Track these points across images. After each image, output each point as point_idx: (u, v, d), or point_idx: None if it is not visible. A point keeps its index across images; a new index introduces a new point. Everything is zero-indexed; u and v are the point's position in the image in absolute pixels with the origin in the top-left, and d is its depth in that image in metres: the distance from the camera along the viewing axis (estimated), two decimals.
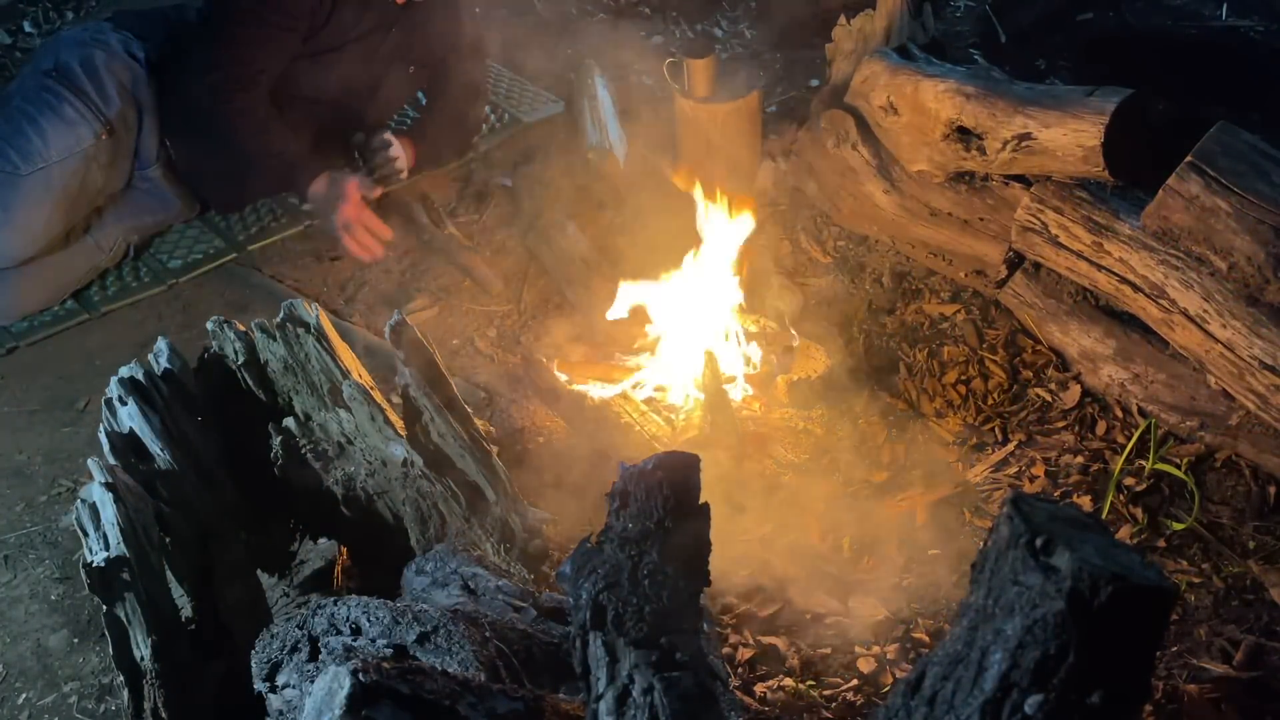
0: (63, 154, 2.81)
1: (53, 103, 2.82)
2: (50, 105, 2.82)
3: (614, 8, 4.04)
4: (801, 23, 3.75)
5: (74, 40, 2.94)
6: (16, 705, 2.04)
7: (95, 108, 2.85)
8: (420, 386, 1.96)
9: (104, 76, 2.87)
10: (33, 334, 2.88)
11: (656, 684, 1.07)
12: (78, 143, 2.83)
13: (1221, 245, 2.06)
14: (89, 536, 1.82)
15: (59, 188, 2.81)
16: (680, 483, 1.18)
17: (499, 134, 3.45)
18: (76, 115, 2.83)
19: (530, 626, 1.69)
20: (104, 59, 2.89)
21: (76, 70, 2.86)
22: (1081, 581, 0.87)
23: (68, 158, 2.81)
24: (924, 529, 2.15)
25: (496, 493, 1.99)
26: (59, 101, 2.83)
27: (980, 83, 2.45)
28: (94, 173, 2.88)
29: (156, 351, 2.02)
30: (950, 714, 0.94)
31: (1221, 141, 2.08)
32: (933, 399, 2.40)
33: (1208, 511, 2.11)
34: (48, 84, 2.85)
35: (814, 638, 1.97)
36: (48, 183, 2.79)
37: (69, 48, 2.91)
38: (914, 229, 2.71)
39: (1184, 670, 1.85)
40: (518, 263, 2.97)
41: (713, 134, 2.96)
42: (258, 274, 3.02)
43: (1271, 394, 2.05)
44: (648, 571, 1.14)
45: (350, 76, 3.02)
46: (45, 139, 2.79)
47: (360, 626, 1.60)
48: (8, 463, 2.54)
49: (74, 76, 2.85)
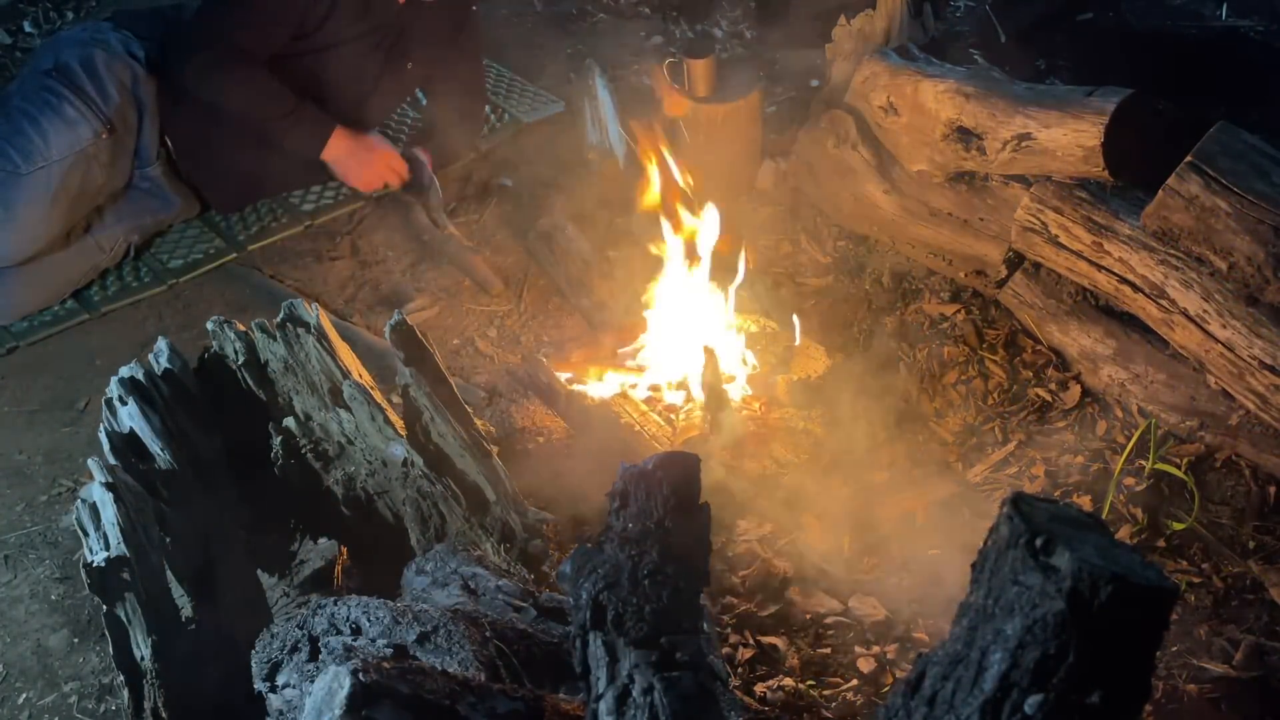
0: (63, 153, 2.80)
1: (53, 102, 2.82)
2: (50, 104, 2.82)
3: (614, 8, 4.04)
4: (801, 23, 3.74)
5: (74, 40, 2.93)
6: (16, 705, 2.04)
7: (95, 106, 2.84)
8: (420, 386, 1.96)
9: (104, 75, 2.87)
10: (33, 334, 2.88)
11: (656, 684, 1.07)
12: (78, 142, 2.82)
13: (1221, 245, 2.06)
14: (89, 536, 1.82)
15: (59, 187, 2.81)
16: (680, 483, 1.18)
17: (499, 134, 3.45)
18: (77, 114, 2.83)
19: (530, 626, 1.69)
20: (104, 58, 2.88)
21: (76, 69, 2.85)
22: (1081, 581, 0.87)
23: (68, 156, 2.81)
24: (924, 529, 2.15)
25: (496, 493, 1.99)
26: (59, 101, 2.82)
27: (980, 83, 2.45)
28: (95, 171, 2.88)
29: (156, 351, 2.02)
30: (950, 714, 0.94)
31: (1221, 141, 2.08)
32: (933, 399, 2.40)
33: (1208, 511, 2.10)
34: (48, 83, 2.85)
35: (814, 638, 1.97)
36: (48, 182, 2.79)
37: (69, 47, 2.91)
38: (914, 229, 2.71)
39: (1184, 670, 1.85)
40: (518, 263, 2.97)
41: (713, 134, 2.96)
42: (258, 274, 3.02)
43: (1271, 394, 2.05)
44: (648, 571, 1.14)
45: (349, 73, 3.01)
46: (46, 138, 2.79)
47: (360, 626, 1.60)
48: (8, 463, 2.54)
49: (74, 75, 2.85)
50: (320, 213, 3.19)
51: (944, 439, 2.32)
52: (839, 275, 2.78)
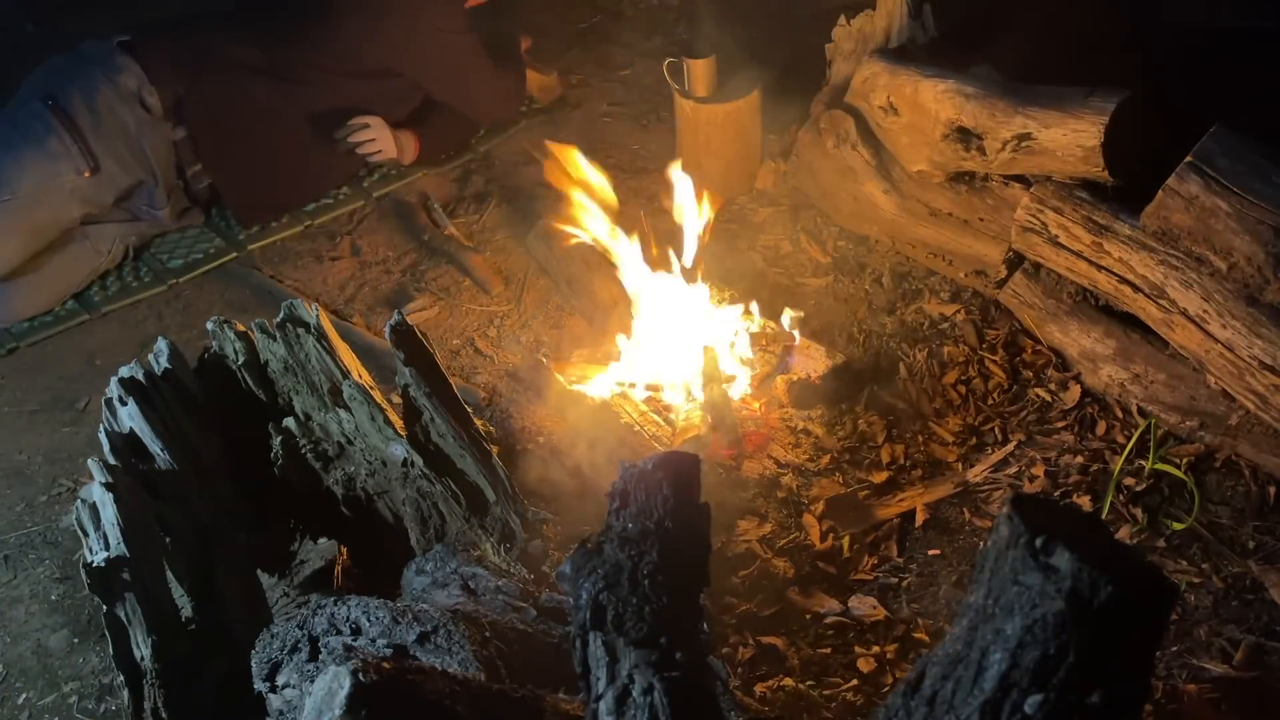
0: (34, 187, 2.75)
1: (39, 132, 2.77)
2: (35, 136, 2.77)
3: (613, 8, 4.04)
4: (802, 23, 3.74)
5: (84, 67, 2.86)
6: (16, 705, 2.04)
7: (83, 144, 2.79)
8: (420, 386, 1.96)
9: (102, 112, 2.82)
10: (33, 334, 2.89)
11: (656, 684, 1.07)
12: (54, 176, 2.77)
13: (1221, 245, 2.06)
14: (89, 536, 1.82)
15: (23, 221, 2.77)
16: (680, 483, 1.18)
17: (499, 134, 3.45)
18: (61, 149, 2.77)
19: (530, 626, 1.69)
20: (109, 98, 2.83)
21: (76, 102, 2.79)
22: (1081, 581, 0.87)
23: (37, 191, 2.76)
24: (924, 529, 2.16)
25: (496, 493, 1.99)
26: (46, 134, 2.77)
27: (980, 83, 2.45)
28: (70, 206, 2.83)
29: (156, 351, 2.02)
30: (950, 714, 0.95)
31: (1221, 141, 2.08)
32: (933, 399, 2.40)
33: (1208, 511, 2.11)
34: (40, 112, 2.79)
35: (814, 638, 1.97)
36: (11, 213, 2.75)
37: (77, 75, 2.84)
38: (914, 229, 2.71)
39: (1184, 670, 1.85)
40: (518, 263, 2.97)
41: (713, 134, 2.96)
42: (258, 274, 3.02)
43: (1271, 394, 2.05)
44: (648, 571, 1.14)
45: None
46: (20, 169, 2.74)
47: (360, 626, 1.60)
48: (8, 463, 2.55)
49: (71, 108, 2.79)
50: (320, 212, 3.19)
51: (944, 439, 2.32)
52: (839, 275, 2.78)
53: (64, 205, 2.83)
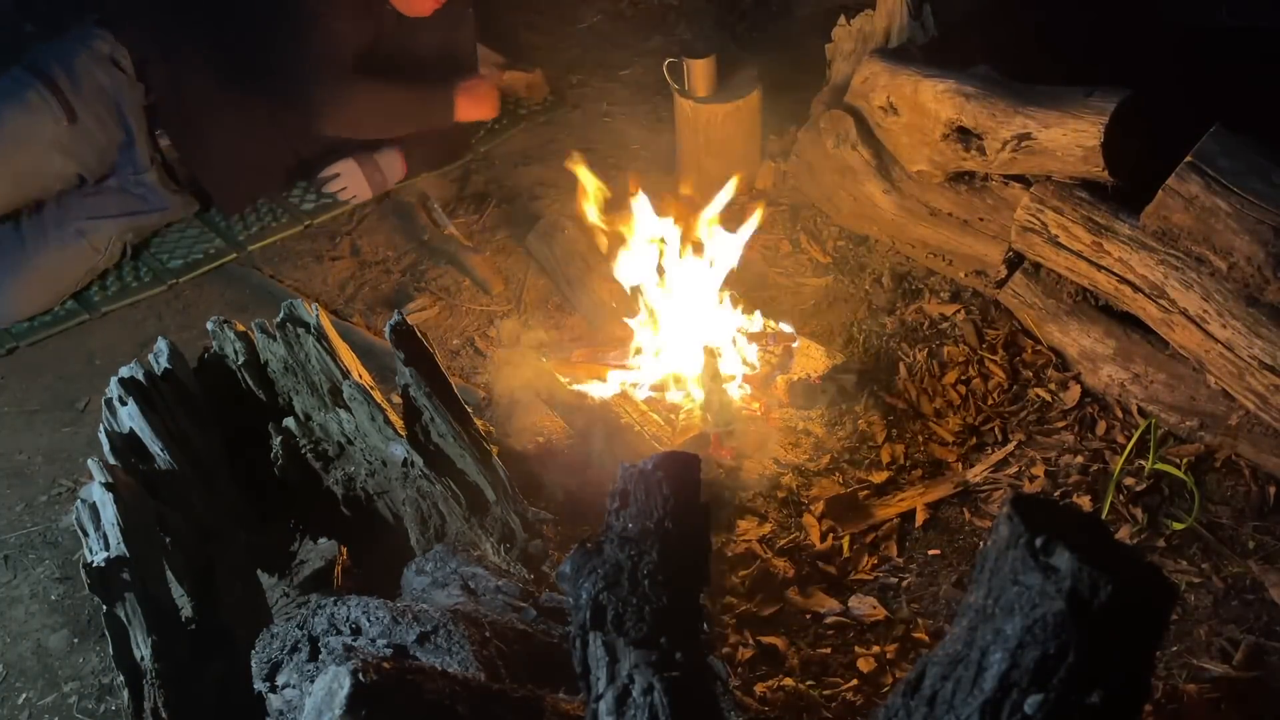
0: (14, 133, 2.86)
1: (15, 89, 2.89)
2: (15, 92, 2.88)
3: (613, 9, 4.04)
4: (802, 22, 3.74)
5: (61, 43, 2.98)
6: (16, 705, 2.04)
7: (60, 95, 2.89)
8: (420, 386, 1.96)
9: (79, 71, 2.92)
10: (33, 334, 2.89)
11: (656, 684, 1.07)
12: (32, 125, 2.88)
13: (1221, 245, 2.06)
14: (89, 536, 1.82)
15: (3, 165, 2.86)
16: (680, 483, 1.18)
17: (499, 134, 3.45)
18: (39, 100, 2.88)
19: (530, 626, 1.69)
20: (85, 59, 2.94)
21: (52, 64, 2.91)
22: (1081, 581, 0.87)
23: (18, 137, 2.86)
24: (924, 529, 2.16)
25: (496, 493, 1.99)
26: (23, 89, 2.89)
27: (980, 83, 2.45)
28: (51, 157, 2.92)
29: (156, 351, 2.02)
30: (950, 714, 0.95)
31: (1221, 141, 2.08)
32: (933, 399, 2.40)
33: (1208, 511, 2.11)
34: (16, 74, 2.92)
35: (814, 638, 1.97)
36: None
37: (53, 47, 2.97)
38: (914, 229, 2.71)
39: (1184, 670, 1.85)
40: (518, 263, 2.97)
41: (713, 134, 2.96)
42: (258, 274, 3.02)
43: (1271, 394, 2.05)
44: (648, 571, 1.14)
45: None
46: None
47: (360, 626, 1.60)
48: (8, 463, 2.54)
49: (48, 68, 2.91)
50: (320, 212, 3.19)
51: (944, 439, 2.32)
52: (839, 275, 2.78)
53: (45, 154, 2.92)
